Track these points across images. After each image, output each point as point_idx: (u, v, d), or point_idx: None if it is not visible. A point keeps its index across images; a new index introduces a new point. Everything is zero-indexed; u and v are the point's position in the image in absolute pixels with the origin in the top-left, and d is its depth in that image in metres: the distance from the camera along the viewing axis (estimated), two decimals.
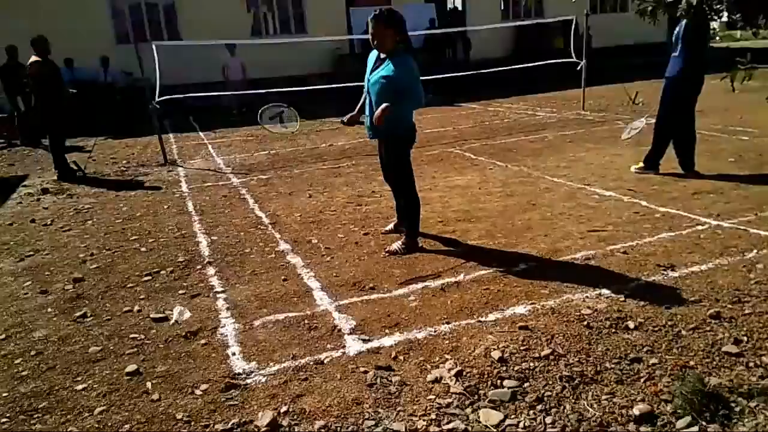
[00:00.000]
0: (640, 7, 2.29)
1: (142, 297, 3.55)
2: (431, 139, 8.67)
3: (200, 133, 11.09)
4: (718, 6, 2.17)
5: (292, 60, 16.05)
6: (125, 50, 10.24)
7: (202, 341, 2.92)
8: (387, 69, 3.76)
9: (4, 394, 2.56)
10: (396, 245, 4.06)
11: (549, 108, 11.43)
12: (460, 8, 20.00)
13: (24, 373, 2.74)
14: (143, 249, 4.47)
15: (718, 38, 31.45)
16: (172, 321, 3.11)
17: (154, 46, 8.64)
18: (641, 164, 5.73)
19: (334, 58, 17.19)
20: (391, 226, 4.52)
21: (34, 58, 7.09)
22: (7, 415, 2.40)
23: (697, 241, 3.81)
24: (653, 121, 5.75)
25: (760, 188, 4.84)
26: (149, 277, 3.86)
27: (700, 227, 4.06)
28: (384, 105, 3.68)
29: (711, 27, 6.00)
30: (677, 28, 5.29)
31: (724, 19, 4.44)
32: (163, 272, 3.94)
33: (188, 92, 9.68)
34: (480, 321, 2.94)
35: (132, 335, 3.04)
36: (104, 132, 11.28)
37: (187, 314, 3.18)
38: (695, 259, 3.52)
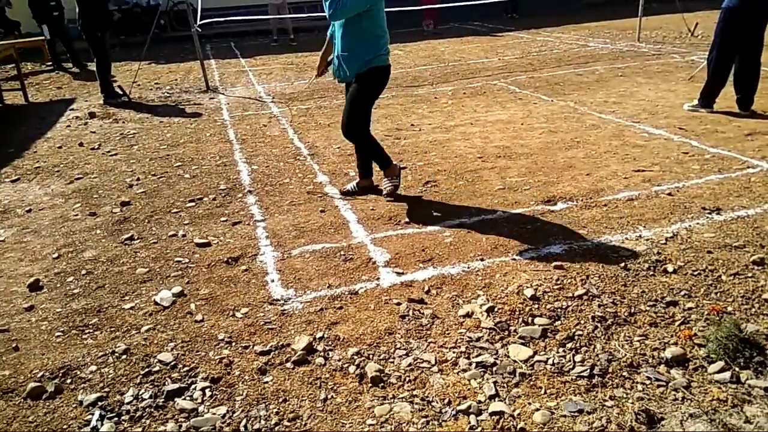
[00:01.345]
0: None
1: (186, 222, 3.68)
2: (474, 71, 8.40)
3: (241, 60, 11.02)
4: None
5: None
6: None
7: (243, 267, 3.03)
8: None
9: (58, 310, 2.75)
10: (386, 185, 3.85)
11: (602, 38, 10.83)
12: None
13: (75, 291, 2.92)
14: (187, 176, 4.58)
15: None
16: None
17: None
18: (695, 101, 5.44)
19: None
20: (352, 185, 4.03)
21: None
22: (61, 329, 2.59)
23: (747, 184, 3.65)
24: None
25: None
26: (192, 204, 3.98)
27: (751, 170, 3.88)
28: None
29: None
30: None
31: None
32: (205, 199, 4.05)
33: (230, 15, 9.56)
34: (514, 259, 2.95)
35: (177, 258, 3.18)
36: (147, 56, 11.32)
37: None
38: (743, 203, 3.39)
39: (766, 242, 2.92)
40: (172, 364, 2.28)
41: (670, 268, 2.74)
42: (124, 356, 2.35)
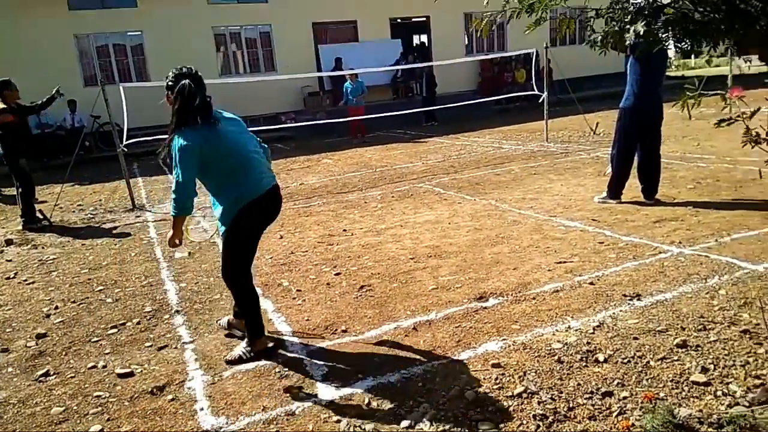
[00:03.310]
0: (591, 38, 2.39)
1: (107, 351, 3.45)
2: (400, 175, 8.76)
3: (169, 176, 10.98)
4: (665, 35, 2.28)
5: (261, 98, 16.19)
6: (93, 92, 10.16)
7: (169, 397, 2.84)
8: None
9: None
10: (238, 350, 3.18)
11: (514, 140, 11.68)
12: (426, 43, 20.53)
13: None
14: (109, 300, 4.36)
15: (674, 67, 32.81)
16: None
17: (121, 88, 8.62)
18: (604, 193, 5.87)
19: (303, 95, 17.40)
20: (225, 320, 3.58)
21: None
22: None
23: (661, 269, 3.89)
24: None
25: (718, 214, 5.00)
26: (115, 330, 3.76)
27: (663, 255, 4.16)
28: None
29: (668, 56, 6.21)
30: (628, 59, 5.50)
31: (671, 49, 4.63)
32: (129, 324, 3.85)
33: (157, 133, 9.63)
34: (453, 361, 2.94)
35: (96, 393, 2.94)
36: (71, 178, 11.09)
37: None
38: (660, 287, 3.59)
39: (686, 324, 3.08)
40: None
41: (601, 357, 2.81)
42: None
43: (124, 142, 8.20)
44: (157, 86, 13.59)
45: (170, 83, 2.99)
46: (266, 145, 3.37)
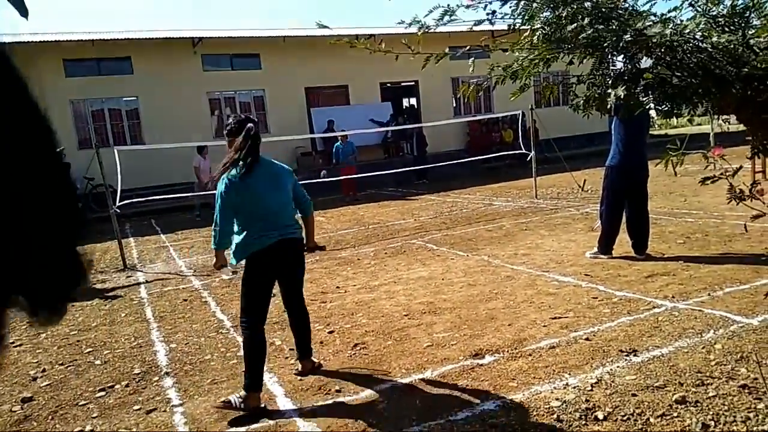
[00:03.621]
0: (573, 102, 2.48)
1: (94, 415, 3.35)
2: (393, 232, 8.81)
3: (162, 236, 10.98)
4: (645, 99, 2.37)
5: None
6: (87, 155, 10.29)
7: None
8: None
9: None
10: (231, 396, 3.22)
11: (504, 197, 11.85)
12: (415, 105, 21.14)
13: None
14: (98, 362, 4.27)
15: (657, 126, 33.81)
16: None
17: (116, 151, 8.75)
18: (596, 249, 5.93)
19: (296, 155, 17.69)
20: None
21: None
22: None
23: (656, 324, 3.89)
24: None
25: (709, 268, 5.04)
26: (103, 393, 3.67)
27: (657, 310, 4.16)
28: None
29: (650, 117, 6.43)
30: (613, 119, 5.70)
31: (653, 113, 4.82)
32: (117, 386, 3.75)
33: (150, 195, 9.72)
34: (450, 420, 2.87)
35: None
36: None
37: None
38: (656, 342, 3.58)
39: (684, 379, 3.05)
40: None
41: (600, 415, 2.76)
42: None
43: (117, 203, 8.24)
44: (151, 149, 13.81)
45: (233, 128, 3.38)
46: (309, 200, 3.69)
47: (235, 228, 3.35)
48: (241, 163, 3.28)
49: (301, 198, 3.59)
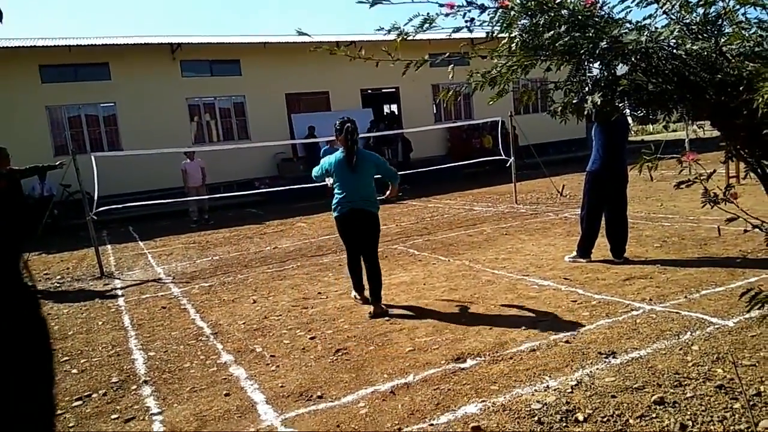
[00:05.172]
0: (551, 108, 2.52)
1: (71, 425, 3.28)
2: None
3: (140, 243, 10.83)
4: (621, 105, 2.42)
5: (236, 165, 16.32)
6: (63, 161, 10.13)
7: None
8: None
9: None
10: (353, 293, 5.21)
11: (484, 203, 11.93)
12: (396, 112, 21.21)
13: None
14: (74, 371, 4.18)
15: (633, 132, 34.43)
16: None
17: (92, 157, 8.62)
18: (575, 252, 6.00)
19: (277, 161, 17.62)
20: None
21: None
22: None
23: (634, 326, 3.94)
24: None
25: (686, 271, 5.14)
26: (80, 402, 3.59)
27: (635, 312, 4.22)
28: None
29: (629, 123, 6.55)
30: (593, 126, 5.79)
31: (629, 116, 4.91)
32: (95, 395, 3.68)
33: (128, 201, 9.58)
34: (432, 425, 2.87)
35: None
36: (38, 247, 10.82)
37: None
38: (634, 344, 3.63)
39: (662, 381, 3.09)
40: None
41: (580, 416, 2.79)
42: None
43: (95, 210, 8.11)
44: (129, 155, 13.65)
45: (338, 129, 4.88)
46: (394, 174, 5.20)
47: (335, 190, 4.94)
48: (344, 151, 4.88)
49: (386, 173, 5.11)
